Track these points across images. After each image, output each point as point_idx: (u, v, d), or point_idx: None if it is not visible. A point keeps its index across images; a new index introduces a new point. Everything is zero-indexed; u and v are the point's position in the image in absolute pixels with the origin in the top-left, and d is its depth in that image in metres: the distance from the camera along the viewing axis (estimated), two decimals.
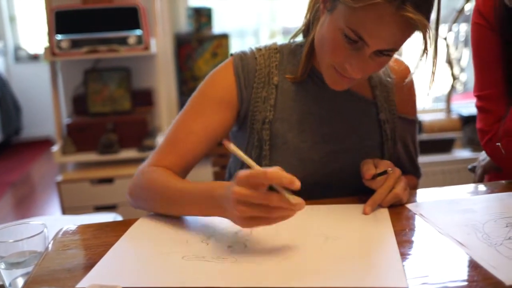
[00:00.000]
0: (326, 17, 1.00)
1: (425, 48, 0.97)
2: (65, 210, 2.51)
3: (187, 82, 2.90)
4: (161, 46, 2.69)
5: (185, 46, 2.86)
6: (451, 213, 0.96)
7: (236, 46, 2.90)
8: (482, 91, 1.24)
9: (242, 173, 0.77)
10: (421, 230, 0.90)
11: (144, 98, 2.76)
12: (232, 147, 0.81)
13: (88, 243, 0.90)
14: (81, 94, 2.70)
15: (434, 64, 1.01)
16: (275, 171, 0.75)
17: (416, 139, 1.26)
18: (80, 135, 2.57)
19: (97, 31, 2.48)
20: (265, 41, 3.33)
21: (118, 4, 2.54)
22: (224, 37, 2.85)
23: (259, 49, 1.17)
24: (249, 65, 1.14)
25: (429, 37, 0.95)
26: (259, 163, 1.12)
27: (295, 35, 1.16)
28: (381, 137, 1.17)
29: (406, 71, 1.21)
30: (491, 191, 1.07)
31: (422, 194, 1.09)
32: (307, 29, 1.13)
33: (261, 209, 0.77)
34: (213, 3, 2.91)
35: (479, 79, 1.26)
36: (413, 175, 1.28)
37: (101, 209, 2.50)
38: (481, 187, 1.12)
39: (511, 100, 1.19)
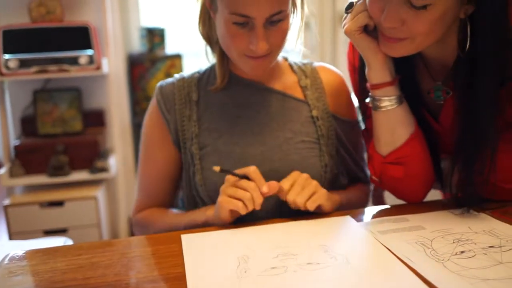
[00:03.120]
0: (216, 18, 1.09)
1: (294, 4, 1.08)
2: (13, 235, 2.43)
3: (140, 102, 2.87)
4: (113, 66, 2.66)
5: (138, 66, 2.84)
6: (400, 230, 0.98)
7: (189, 66, 2.90)
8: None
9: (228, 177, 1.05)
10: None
11: (96, 119, 2.71)
12: (219, 169, 1.04)
13: (35, 269, 0.87)
14: (30, 115, 2.63)
15: (301, 19, 1.12)
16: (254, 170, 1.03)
17: (358, 142, 1.29)
18: (29, 157, 2.50)
19: (47, 51, 2.43)
20: None
21: (69, 23, 2.51)
22: (177, 57, 2.85)
23: (181, 75, 1.26)
24: (167, 89, 1.23)
25: None
26: (194, 181, 1.18)
27: (206, 51, 1.23)
28: (317, 133, 1.19)
29: (335, 76, 1.28)
30: (440, 207, 1.10)
31: (372, 211, 1.11)
32: (208, 39, 1.20)
33: (240, 191, 1.01)
34: (166, 23, 2.91)
35: None
36: (363, 182, 1.31)
37: (51, 233, 2.43)
38: (431, 204, 1.15)
39: None
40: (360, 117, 1.25)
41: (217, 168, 1.04)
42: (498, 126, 0.99)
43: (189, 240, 0.98)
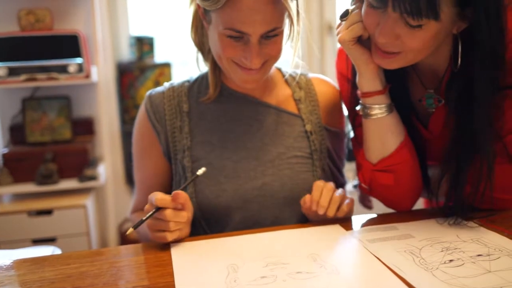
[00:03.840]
0: (209, 29, 1.08)
1: (291, 21, 1.07)
2: (0, 244, 2.40)
3: (129, 111, 2.87)
4: (102, 74, 2.65)
5: (127, 74, 2.83)
6: (389, 239, 0.98)
7: (178, 75, 2.90)
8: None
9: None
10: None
11: (85, 127, 2.70)
12: (130, 230, 0.98)
13: (23, 278, 0.87)
14: (19, 123, 2.61)
15: (298, 32, 1.11)
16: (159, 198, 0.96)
17: (342, 149, 1.30)
18: (17, 165, 2.47)
19: (36, 59, 2.42)
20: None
21: (58, 31, 2.50)
22: (166, 65, 2.85)
23: (171, 84, 1.25)
24: (156, 99, 1.21)
25: (292, 9, 1.05)
26: (184, 190, 1.15)
27: (198, 59, 1.23)
28: (310, 148, 1.20)
29: (330, 88, 1.28)
30: (428, 216, 1.10)
31: (361, 220, 1.11)
32: (200, 47, 1.20)
33: (160, 222, 0.97)
34: (155, 32, 2.91)
35: None
36: (343, 187, 1.32)
37: (39, 242, 2.41)
38: (419, 212, 1.16)
39: None
40: (349, 125, 1.26)
41: (130, 231, 0.98)
42: (492, 138, 1.00)
43: (178, 249, 0.97)
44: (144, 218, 0.97)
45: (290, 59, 1.19)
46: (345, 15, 1.04)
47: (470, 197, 1.04)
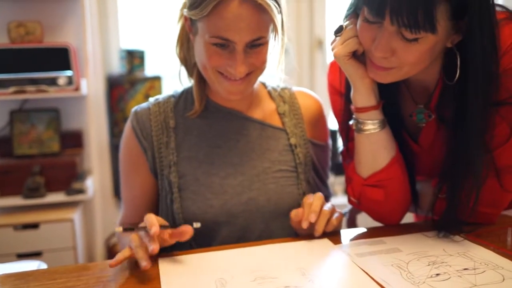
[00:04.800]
0: (195, 40, 1.09)
1: (276, 31, 1.07)
2: None
3: (118, 124, 2.86)
4: (92, 87, 2.65)
5: (117, 87, 2.83)
6: (377, 253, 0.99)
7: (168, 88, 2.90)
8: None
9: None
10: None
11: (74, 140, 2.69)
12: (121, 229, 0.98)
13: None
14: (6, 135, 2.59)
15: (282, 46, 1.12)
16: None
17: (326, 162, 1.31)
18: (3, 178, 2.45)
19: (26, 71, 2.41)
20: None
21: (48, 44, 2.50)
22: (156, 79, 2.86)
23: (156, 99, 1.24)
24: (143, 116, 1.21)
25: (277, 21, 1.05)
26: (171, 208, 1.17)
27: (180, 73, 1.23)
28: (295, 162, 1.20)
29: (313, 101, 1.29)
30: (416, 230, 1.11)
31: (349, 234, 1.11)
32: (185, 62, 1.21)
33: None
34: (146, 45, 2.92)
35: None
36: (328, 199, 1.32)
37: (25, 256, 2.38)
38: (407, 226, 1.17)
39: None
40: (331, 139, 1.27)
41: (119, 229, 0.98)
42: (483, 152, 1.01)
43: (166, 264, 0.97)
44: (138, 226, 0.99)
45: (275, 73, 1.20)
46: (339, 30, 1.05)
47: (461, 212, 1.04)
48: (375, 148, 1.09)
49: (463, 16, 0.92)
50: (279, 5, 1.06)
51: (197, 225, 1.01)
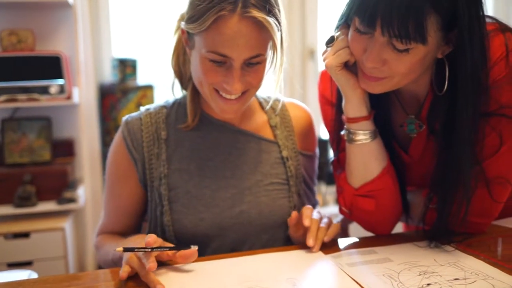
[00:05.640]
0: (192, 54, 1.08)
1: (275, 49, 1.06)
2: None
3: (110, 133, 2.86)
4: (84, 96, 2.65)
5: (109, 96, 2.83)
6: (368, 263, 0.99)
7: (161, 97, 2.91)
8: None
9: None
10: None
11: (65, 149, 2.67)
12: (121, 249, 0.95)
13: None
14: None
15: (281, 64, 1.11)
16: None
17: (314, 171, 1.32)
18: None
19: (17, 80, 2.40)
20: None
21: (40, 52, 2.49)
22: (148, 88, 2.86)
23: (147, 109, 1.23)
24: (134, 126, 1.19)
25: (277, 39, 1.04)
26: (161, 220, 1.15)
27: (173, 85, 1.23)
28: (286, 174, 1.20)
29: (303, 113, 1.29)
30: (407, 240, 1.11)
31: (341, 243, 1.12)
32: (180, 74, 1.20)
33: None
34: (138, 54, 2.92)
35: None
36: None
37: (16, 265, 2.36)
38: (398, 236, 1.17)
39: None
40: (319, 149, 1.29)
41: (120, 249, 0.95)
42: (473, 162, 1.02)
43: (157, 274, 0.97)
44: (137, 248, 0.95)
45: (270, 88, 1.20)
46: (331, 41, 1.05)
47: (452, 222, 1.05)
48: (367, 158, 1.09)
49: (453, 27, 0.93)
50: (279, 22, 1.05)
51: (195, 247, 1.00)
